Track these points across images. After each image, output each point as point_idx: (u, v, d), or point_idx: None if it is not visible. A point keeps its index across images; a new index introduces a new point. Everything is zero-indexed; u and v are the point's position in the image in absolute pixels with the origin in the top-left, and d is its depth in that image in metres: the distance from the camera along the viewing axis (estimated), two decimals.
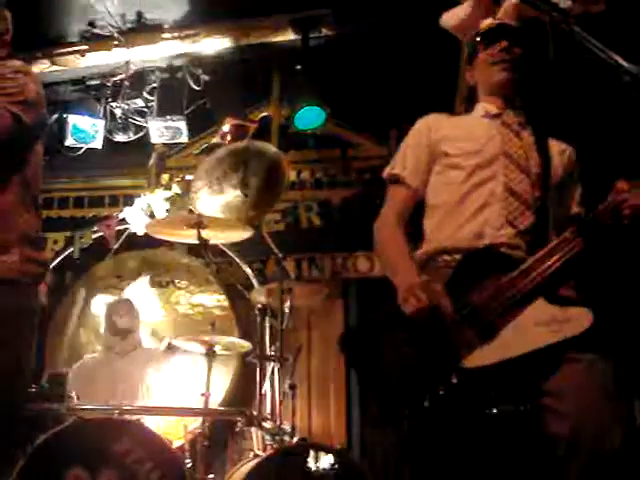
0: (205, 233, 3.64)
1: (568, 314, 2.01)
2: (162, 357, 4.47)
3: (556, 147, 2.42)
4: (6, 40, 2.52)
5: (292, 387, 3.74)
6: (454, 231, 2.28)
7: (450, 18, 2.69)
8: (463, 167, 2.34)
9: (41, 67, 5.53)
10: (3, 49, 2.49)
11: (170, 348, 4.19)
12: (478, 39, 2.50)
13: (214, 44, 5.43)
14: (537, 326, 2.01)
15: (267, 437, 3.53)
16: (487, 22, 2.55)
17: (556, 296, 2.07)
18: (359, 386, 2.29)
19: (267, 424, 3.55)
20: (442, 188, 2.39)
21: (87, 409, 3.39)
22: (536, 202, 2.24)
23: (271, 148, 4.11)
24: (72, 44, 5.51)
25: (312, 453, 3.13)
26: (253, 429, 3.69)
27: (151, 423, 3.54)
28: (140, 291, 4.84)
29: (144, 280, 4.94)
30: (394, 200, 2.46)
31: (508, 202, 2.23)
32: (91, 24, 5.31)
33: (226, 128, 5.18)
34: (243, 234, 3.79)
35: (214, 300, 4.97)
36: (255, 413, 3.52)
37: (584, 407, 1.92)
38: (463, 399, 2.00)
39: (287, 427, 3.59)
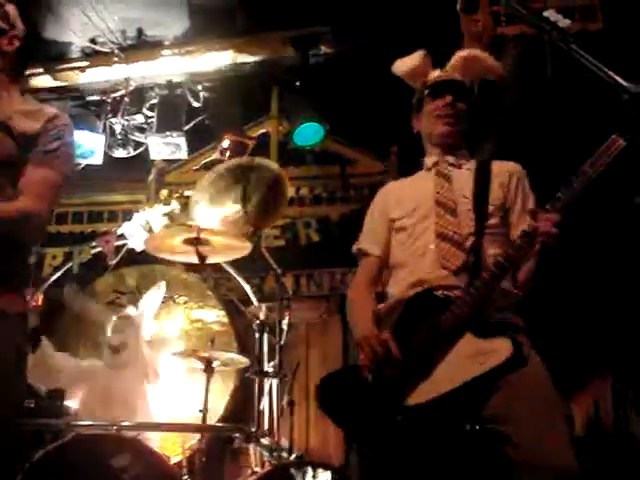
0: (204, 249, 3.66)
1: (493, 345, 2.15)
2: (155, 375, 4.45)
3: (496, 169, 2.57)
4: (15, 36, 2.39)
5: (290, 403, 3.73)
6: (402, 284, 2.48)
7: (400, 66, 2.80)
8: (406, 227, 2.57)
9: (41, 82, 5.57)
10: (10, 46, 2.37)
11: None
12: (425, 92, 2.69)
13: (213, 61, 5.48)
14: (466, 359, 2.17)
15: (265, 453, 3.52)
16: (435, 75, 2.73)
17: (483, 329, 2.20)
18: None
19: (265, 440, 3.54)
20: (394, 250, 2.62)
21: (85, 425, 3.38)
22: (467, 240, 2.41)
23: (273, 165, 4.12)
24: (73, 60, 5.56)
25: (310, 470, 3.12)
26: (251, 445, 3.67)
27: (149, 439, 3.54)
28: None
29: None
30: (363, 269, 2.71)
31: (440, 247, 2.42)
32: (92, 40, 5.36)
33: (225, 144, 5.20)
34: (241, 251, 3.78)
35: (213, 315, 4.96)
36: (253, 429, 3.50)
37: (530, 430, 2.05)
38: (410, 433, 2.19)
39: (285, 444, 3.57)
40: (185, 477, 3.29)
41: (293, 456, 3.45)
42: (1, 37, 2.34)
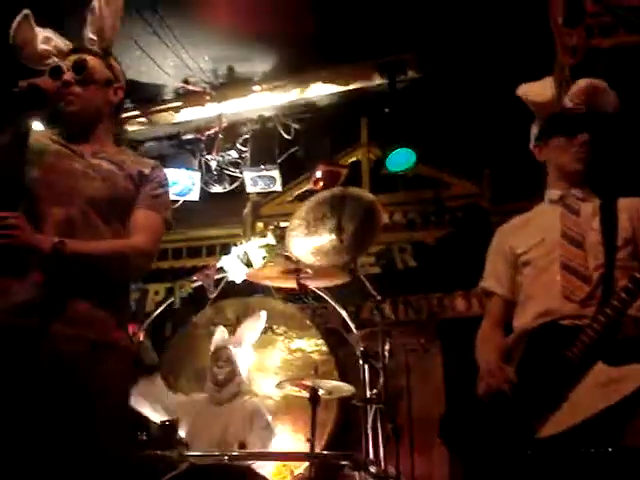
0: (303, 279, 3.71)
1: (625, 372, 2.12)
2: (258, 408, 4.49)
3: (622, 205, 2.53)
4: (120, 87, 2.51)
5: (395, 430, 3.70)
6: (528, 316, 2.48)
7: (528, 93, 2.76)
8: (532, 260, 2.55)
9: (138, 125, 5.78)
10: (115, 97, 2.50)
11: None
12: (559, 123, 2.65)
13: (302, 93, 5.57)
14: (598, 388, 2.12)
15: None
16: (569, 105, 2.67)
17: (613, 356, 2.16)
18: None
19: (372, 468, 3.52)
20: (522, 286, 2.59)
21: (198, 455, 3.43)
22: (595, 272, 2.37)
23: (367, 194, 4.14)
24: (167, 101, 5.74)
25: None
26: (357, 473, 3.65)
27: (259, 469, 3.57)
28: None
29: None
30: (488, 311, 2.74)
31: (565, 279, 2.39)
32: (185, 81, 5.51)
33: (318, 174, 5.26)
34: (341, 279, 3.81)
35: (312, 344, 4.99)
36: (362, 457, 3.49)
37: None
38: (541, 467, 2.14)
39: (392, 471, 3.54)
40: None
41: None
42: (108, 87, 2.47)
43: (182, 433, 4.21)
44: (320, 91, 5.53)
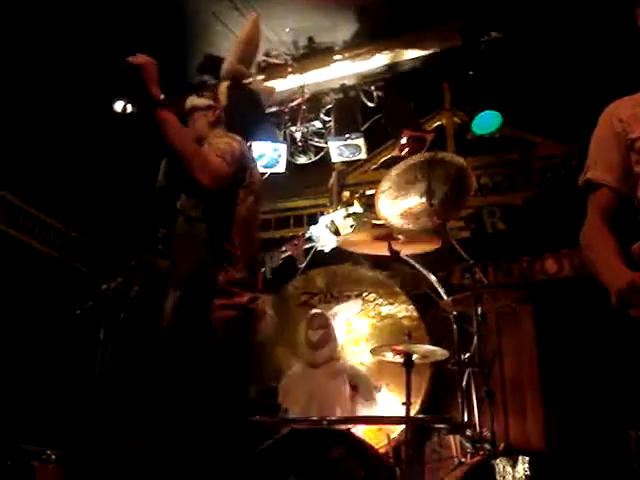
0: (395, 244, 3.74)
1: None
2: (352, 370, 4.57)
3: None
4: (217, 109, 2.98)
5: (489, 394, 3.70)
6: None
7: None
8: None
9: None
10: (213, 117, 2.99)
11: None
12: None
13: (384, 60, 5.54)
14: None
15: (467, 444, 3.51)
16: None
17: None
18: None
19: (468, 431, 3.54)
20: None
21: (298, 420, 3.52)
22: None
23: (458, 158, 4.12)
24: (249, 75, 5.80)
25: (521, 459, 3.09)
26: (451, 437, 3.68)
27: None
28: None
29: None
30: (594, 206, 2.17)
31: None
32: (266, 54, 5.55)
33: (404, 140, 5.25)
34: (432, 245, 3.82)
35: (402, 310, 5.02)
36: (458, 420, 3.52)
37: None
38: None
39: (487, 434, 3.55)
40: (396, 468, 3.34)
41: (501, 445, 3.43)
42: (207, 111, 2.97)
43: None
44: (401, 57, 5.49)
